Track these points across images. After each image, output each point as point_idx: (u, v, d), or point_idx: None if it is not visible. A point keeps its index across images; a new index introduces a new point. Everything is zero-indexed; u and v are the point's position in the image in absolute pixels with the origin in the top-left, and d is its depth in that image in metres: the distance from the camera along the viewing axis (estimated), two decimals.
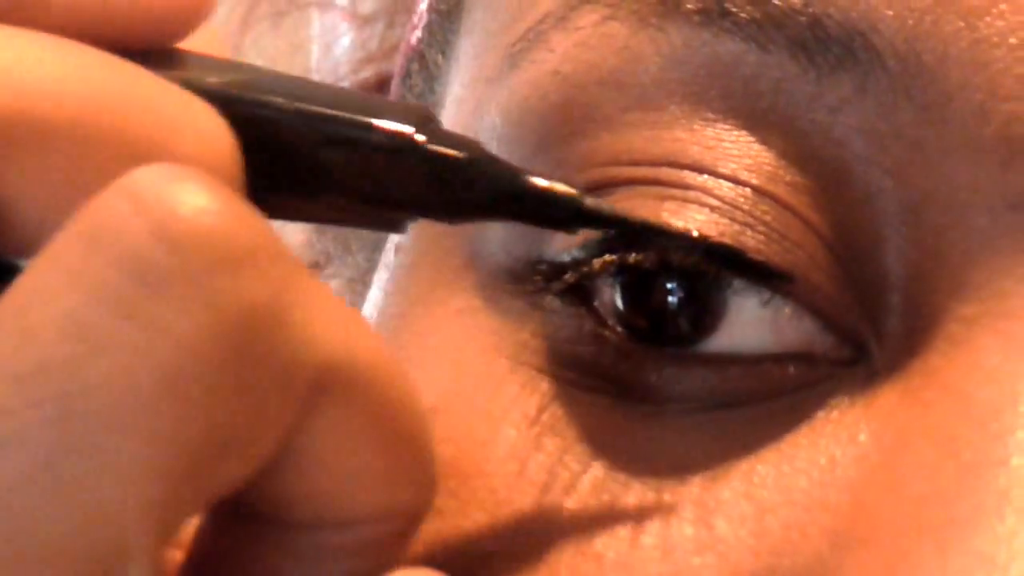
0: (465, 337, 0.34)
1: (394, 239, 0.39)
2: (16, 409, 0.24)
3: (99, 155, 0.26)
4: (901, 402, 0.31)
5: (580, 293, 0.33)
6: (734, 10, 0.32)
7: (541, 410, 0.33)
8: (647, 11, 0.33)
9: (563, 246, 0.33)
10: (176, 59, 0.29)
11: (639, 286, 0.33)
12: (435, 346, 0.35)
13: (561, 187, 0.30)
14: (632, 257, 0.32)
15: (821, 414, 0.31)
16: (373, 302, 0.39)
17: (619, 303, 0.33)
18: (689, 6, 0.32)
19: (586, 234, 0.32)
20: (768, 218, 0.32)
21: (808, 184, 0.32)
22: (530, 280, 0.34)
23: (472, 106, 0.36)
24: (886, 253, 0.32)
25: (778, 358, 0.32)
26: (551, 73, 0.34)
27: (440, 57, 0.41)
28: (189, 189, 0.25)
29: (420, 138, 0.28)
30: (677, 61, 0.33)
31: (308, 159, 0.28)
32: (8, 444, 0.24)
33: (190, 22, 0.29)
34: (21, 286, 0.25)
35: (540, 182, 0.30)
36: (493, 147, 0.34)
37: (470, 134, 0.35)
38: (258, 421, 0.25)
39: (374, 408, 0.27)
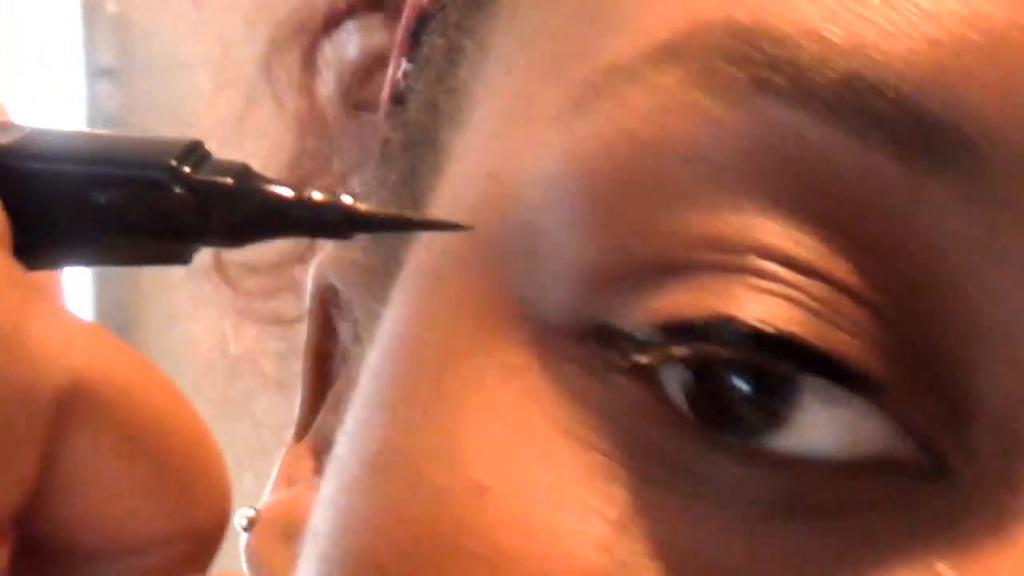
0: (517, 402, 0.33)
1: (404, 283, 0.37)
2: None
3: None
4: (984, 537, 0.29)
5: (646, 371, 0.31)
6: (832, 98, 0.30)
7: (604, 502, 0.31)
8: (738, 86, 0.31)
9: (637, 321, 0.31)
10: None
11: (710, 373, 0.31)
12: (480, 405, 0.33)
13: (321, 196, 0.30)
14: (721, 352, 0.31)
15: (899, 540, 0.30)
16: (382, 346, 0.37)
17: (688, 385, 0.31)
18: (786, 87, 0.31)
19: (658, 314, 0.31)
20: (861, 321, 0.30)
21: (903, 291, 0.31)
22: (597, 349, 0.32)
23: (525, 137, 0.34)
24: (980, 370, 0.30)
25: (853, 467, 0.31)
26: (626, 134, 0.32)
27: (469, 43, 0.39)
28: None
29: (183, 169, 0.29)
30: (770, 145, 0.31)
31: (80, 205, 0.29)
32: None
33: None
34: None
35: (305, 194, 0.30)
36: (552, 198, 0.33)
37: (515, 162, 0.34)
38: (7, 445, 0.25)
39: (132, 422, 0.26)
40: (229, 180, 0.29)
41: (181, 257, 0.30)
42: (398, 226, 0.31)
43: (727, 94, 0.31)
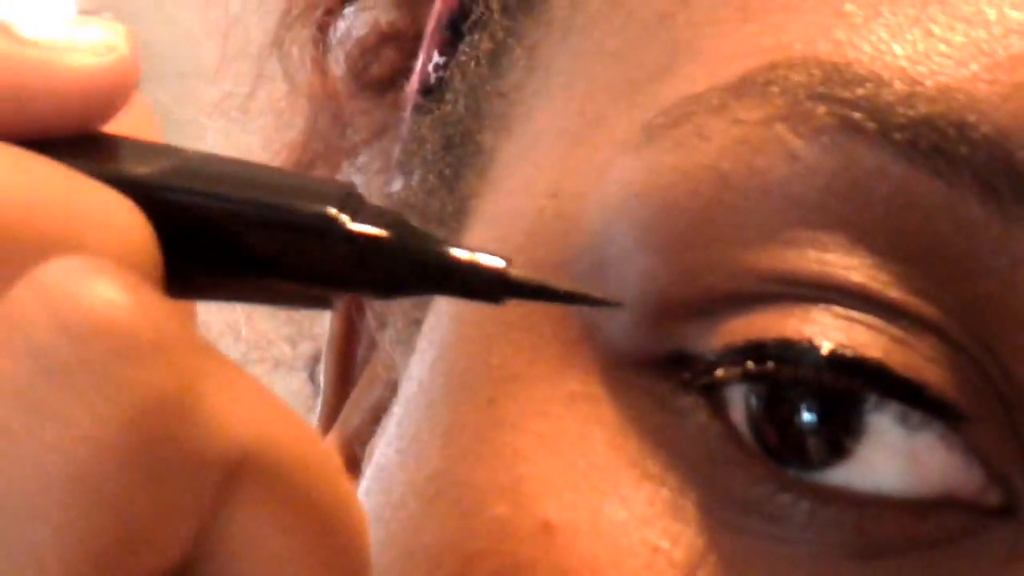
0: (582, 432, 0.32)
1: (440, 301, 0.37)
2: None
3: (4, 253, 0.26)
4: None
5: (715, 399, 0.31)
6: (917, 138, 0.30)
7: (673, 543, 0.31)
8: (822, 123, 0.31)
9: (711, 346, 0.31)
10: (97, 145, 0.28)
11: (776, 400, 0.31)
12: (544, 433, 0.33)
13: (485, 259, 0.29)
14: (799, 373, 0.31)
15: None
16: (426, 362, 0.36)
17: (754, 414, 0.31)
18: (870, 125, 0.30)
19: (735, 335, 0.31)
20: (941, 353, 0.30)
21: (984, 329, 0.31)
22: (665, 376, 0.32)
23: (593, 161, 0.34)
24: None
25: (920, 504, 0.31)
26: (706, 167, 0.32)
27: (517, 48, 0.38)
28: (95, 280, 0.24)
29: (343, 218, 0.28)
30: (853, 183, 0.31)
31: (233, 244, 0.28)
32: None
33: (111, 105, 0.28)
34: None
35: (462, 254, 0.29)
36: (621, 222, 0.32)
37: (580, 184, 0.33)
38: (170, 512, 0.25)
39: (293, 495, 0.26)
40: (387, 233, 0.28)
41: (325, 302, 0.30)
42: (553, 297, 0.30)
43: (811, 131, 0.31)
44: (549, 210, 0.35)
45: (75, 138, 0.28)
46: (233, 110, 0.54)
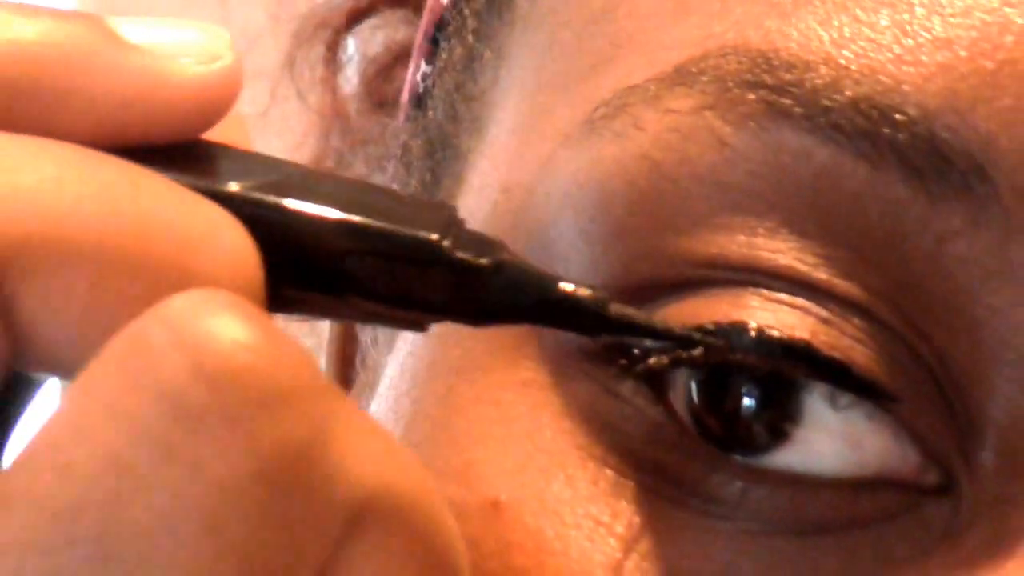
0: (531, 417, 0.33)
1: None
2: (54, 547, 0.23)
3: (122, 277, 0.25)
4: (988, 554, 0.30)
5: (656, 384, 0.32)
6: (842, 121, 0.30)
7: (615, 517, 0.32)
8: (750, 110, 0.31)
9: None
10: (199, 155, 0.28)
11: (716, 385, 0.32)
12: (496, 418, 0.33)
13: (586, 291, 0.29)
14: (736, 357, 0.31)
15: (904, 555, 0.31)
16: (398, 359, 0.37)
17: (695, 400, 0.32)
18: (797, 110, 0.31)
19: (672, 323, 0.31)
20: (869, 334, 0.31)
21: (913, 309, 0.31)
22: (608, 364, 0.32)
23: (540, 154, 0.34)
24: (987, 388, 0.31)
25: (858, 484, 0.31)
26: (640, 157, 0.32)
27: (487, 51, 0.39)
28: (227, 321, 0.24)
29: (446, 244, 0.28)
30: (781, 168, 0.31)
31: (333, 265, 0.28)
32: None
33: (215, 114, 0.28)
34: (57, 420, 0.24)
35: (566, 287, 0.29)
36: (565, 214, 0.33)
37: (534, 180, 0.34)
38: (295, 556, 0.25)
39: (414, 535, 0.26)
40: (489, 262, 0.28)
41: (419, 325, 0.30)
42: (655, 335, 0.30)
43: (739, 117, 0.31)
44: (501, 204, 0.35)
45: (176, 147, 0.28)
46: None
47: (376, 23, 0.53)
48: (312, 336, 0.55)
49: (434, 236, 0.28)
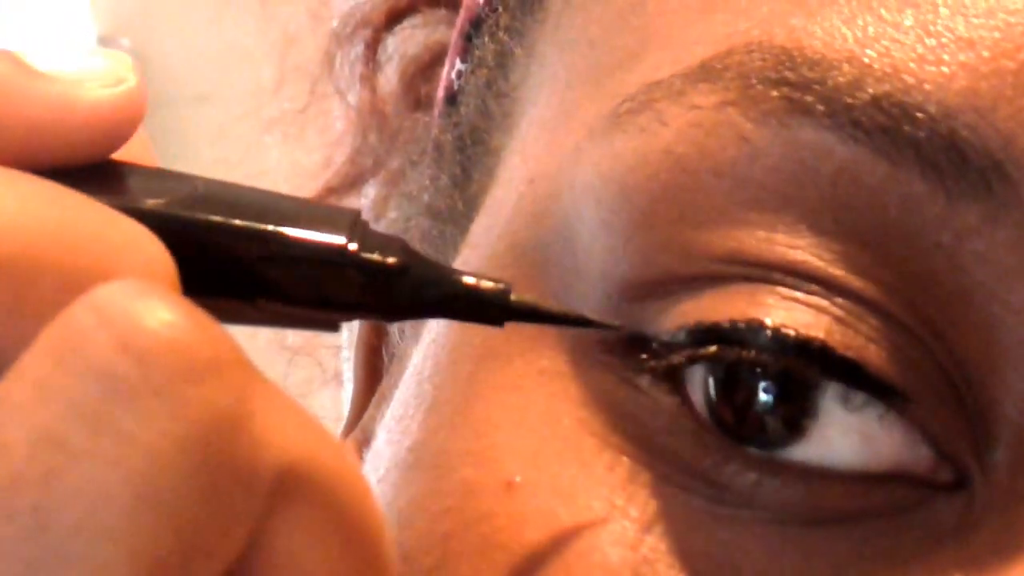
0: (549, 404, 0.33)
1: None
2: None
3: (45, 285, 0.26)
4: (999, 551, 0.30)
5: (673, 377, 0.32)
6: (863, 119, 0.31)
7: (628, 502, 0.32)
8: (772, 106, 0.31)
9: (666, 327, 0.32)
10: (111, 174, 0.29)
11: (733, 380, 0.32)
12: (514, 405, 0.34)
13: (488, 284, 0.31)
14: (747, 354, 0.31)
15: (915, 548, 0.31)
16: (423, 347, 0.38)
17: (712, 394, 0.32)
18: (819, 108, 0.31)
19: (687, 317, 0.32)
20: (884, 333, 0.31)
21: (927, 307, 0.31)
22: (626, 356, 0.33)
23: (566, 146, 0.35)
24: (1000, 386, 0.31)
25: (871, 478, 0.31)
26: (663, 151, 0.33)
27: (519, 48, 0.40)
28: (151, 302, 0.25)
29: (352, 247, 0.29)
30: (801, 164, 0.31)
31: (245, 271, 0.29)
32: None
33: (123, 134, 0.29)
34: None
35: (468, 280, 0.31)
36: (588, 205, 0.33)
37: (559, 171, 0.35)
38: (225, 523, 0.25)
39: (334, 508, 0.27)
40: (396, 261, 0.30)
41: (332, 325, 0.31)
42: (550, 319, 0.32)
43: (761, 114, 0.32)
44: (528, 196, 0.36)
45: (88, 167, 0.29)
46: (290, 127, 0.56)
47: (416, 22, 0.53)
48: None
49: (341, 239, 0.29)
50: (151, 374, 0.25)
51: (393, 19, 0.53)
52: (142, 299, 0.25)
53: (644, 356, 0.32)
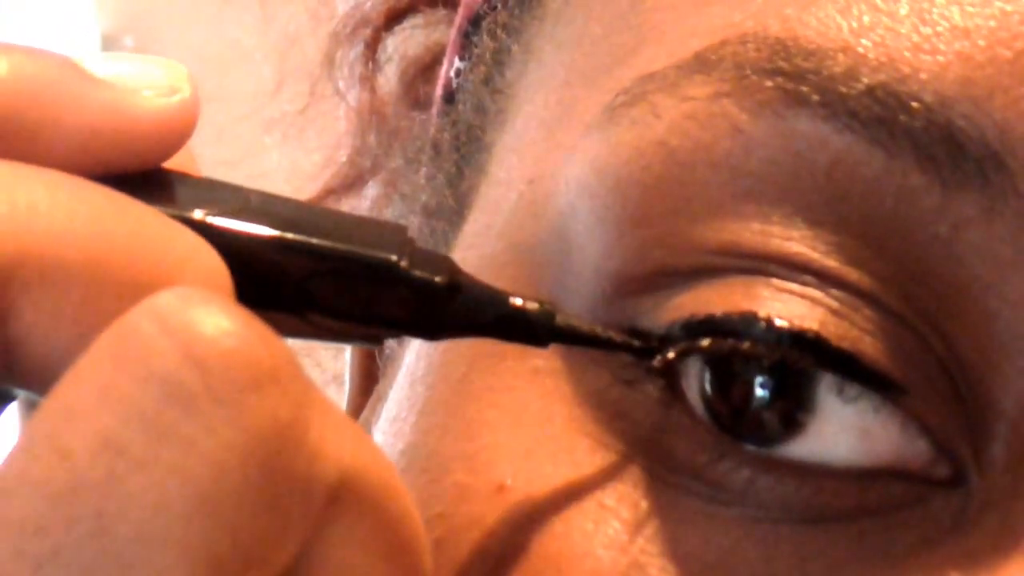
0: (541, 404, 0.33)
1: None
2: (53, 527, 0.24)
3: (110, 293, 0.27)
4: (996, 547, 0.30)
5: (668, 373, 0.32)
6: (859, 109, 0.30)
7: (620, 502, 0.32)
8: (766, 97, 0.31)
9: (660, 321, 0.32)
10: (163, 183, 0.30)
11: (728, 375, 0.32)
12: (507, 406, 0.34)
13: (533, 305, 0.31)
14: (745, 347, 0.31)
15: (912, 546, 0.30)
16: (415, 347, 0.38)
17: (707, 390, 0.32)
18: (814, 98, 0.31)
19: (682, 310, 0.32)
20: (880, 325, 0.31)
21: (924, 298, 0.31)
22: (619, 352, 0.32)
23: (564, 145, 0.35)
24: (998, 380, 0.30)
25: (868, 474, 0.31)
26: (657, 143, 0.32)
27: (515, 46, 0.40)
28: (212, 311, 0.25)
29: (403, 264, 0.30)
30: (796, 155, 0.31)
31: (295, 286, 0.29)
32: (47, 562, 0.24)
33: (176, 143, 0.30)
34: (51, 406, 0.25)
35: (515, 302, 0.31)
36: (583, 201, 0.33)
37: (552, 168, 0.34)
38: (281, 531, 0.26)
39: (383, 518, 0.27)
40: (444, 280, 0.30)
41: (376, 340, 0.31)
42: (594, 343, 0.32)
43: (755, 105, 0.31)
44: (527, 195, 0.36)
45: (140, 175, 0.29)
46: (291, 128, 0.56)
47: (416, 22, 0.53)
48: None
49: (392, 256, 0.30)
50: (212, 383, 0.25)
51: (393, 19, 0.53)
52: (203, 307, 0.26)
53: (629, 351, 0.32)
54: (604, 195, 0.33)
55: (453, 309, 0.30)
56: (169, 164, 0.30)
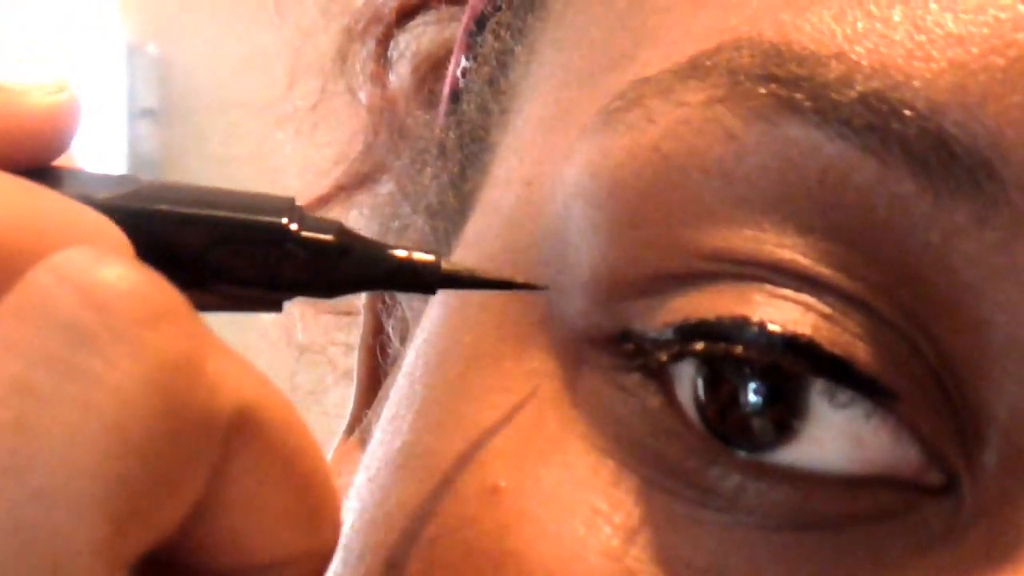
0: (536, 405, 0.33)
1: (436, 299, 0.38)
2: None
3: (18, 266, 0.27)
4: (988, 556, 0.29)
5: (661, 377, 0.32)
6: (852, 116, 0.30)
7: (612, 507, 0.32)
8: (760, 104, 0.31)
9: (654, 324, 0.32)
10: (57, 176, 0.31)
11: (721, 380, 0.32)
12: (503, 407, 0.34)
13: (420, 256, 0.33)
14: (737, 351, 0.31)
15: (902, 553, 0.30)
16: (415, 346, 0.38)
17: (700, 395, 0.32)
18: (807, 104, 0.31)
19: (675, 314, 0.32)
20: (872, 331, 0.31)
21: (917, 306, 0.31)
22: (614, 355, 0.33)
23: (560, 146, 0.35)
24: (990, 387, 0.30)
25: (860, 481, 0.31)
26: (651, 148, 0.32)
27: (519, 47, 0.40)
28: (108, 261, 0.27)
29: (293, 227, 0.31)
30: (788, 162, 0.31)
31: (197, 258, 0.31)
32: None
33: (66, 138, 0.31)
34: None
35: (400, 253, 0.32)
36: (578, 204, 0.33)
37: (549, 170, 0.35)
38: (189, 460, 0.27)
39: (284, 450, 0.28)
40: (333, 238, 0.31)
41: (276, 305, 0.32)
42: (481, 285, 0.33)
43: (749, 111, 0.31)
44: (524, 197, 0.36)
45: (35, 171, 0.31)
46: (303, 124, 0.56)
47: (428, 19, 0.53)
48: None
49: (283, 220, 0.31)
50: (111, 321, 0.26)
51: (405, 16, 0.53)
52: (98, 259, 0.27)
53: (631, 360, 0.32)
54: (599, 199, 0.33)
55: (344, 266, 0.32)
56: (58, 164, 0.32)
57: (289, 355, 0.54)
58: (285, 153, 0.58)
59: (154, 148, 1.86)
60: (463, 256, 0.37)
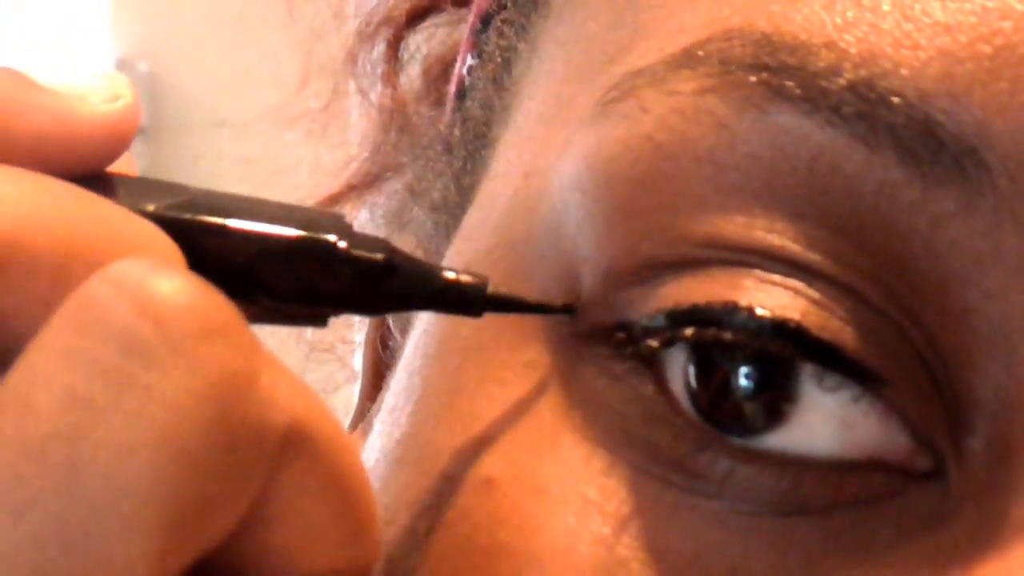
0: (531, 397, 0.34)
1: None
2: (28, 477, 0.26)
3: (74, 274, 0.28)
4: (973, 542, 0.30)
5: (652, 364, 0.32)
6: (840, 104, 0.31)
7: (604, 497, 0.32)
8: (750, 92, 0.32)
9: (645, 311, 0.32)
10: (110, 184, 0.31)
11: (712, 366, 0.32)
12: (498, 399, 0.34)
13: (467, 278, 0.33)
14: (727, 336, 0.31)
15: (889, 539, 0.31)
16: (413, 339, 0.38)
17: (691, 381, 0.32)
18: (797, 93, 0.31)
19: (666, 300, 0.32)
20: (861, 317, 0.31)
21: (904, 292, 0.31)
22: (605, 344, 0.33)
23: (557, 140, 0.35)
24: (977, 373, 0.31)
25: (848, 465, 0.31)
26: (644, 138, 0.33)
27: (522, 44, 0.40)
28: (164, 274, 0.27)
29: (342, 245, 0.31)
30: (779, 149, 0.31)
31: (244, 271, 0.31)
32: (25, 510, 0.25)
33: (120, 146, 0.31)
34: (18, 369, 0.27)
35: (449, 275, 0.33)
36: (574, 196, 0.34)
37: (546, 163, 0.35)
38: (240, 475, 0.27)
39: (331, 466, 0.28)
40: (382, 257, 0.32)
41: (321, 320, 0.33)
42: (524, 308, 0.33)
43: (739, 100, 0.32)
44: (522, 190, 0.36)
45: (88, 178, 0.31)
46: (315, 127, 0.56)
47: (439, 20, 0.54)
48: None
49: (332, 237, 0.31)
50: (168, 334, 0.26)
51: (415, 17, 0.54)
52: (154, 271, 0.27)
53: (623, 348, 0.33)
54: (594, 190, 0.33)
55: (391, 285, 0.32)
56: (112, 171, 0.31)
57: (299, 353, 0.55)
58: (288, 144, 0.58)
59: (144, 165, 1.85)
60: (461, 249, 0.38)
